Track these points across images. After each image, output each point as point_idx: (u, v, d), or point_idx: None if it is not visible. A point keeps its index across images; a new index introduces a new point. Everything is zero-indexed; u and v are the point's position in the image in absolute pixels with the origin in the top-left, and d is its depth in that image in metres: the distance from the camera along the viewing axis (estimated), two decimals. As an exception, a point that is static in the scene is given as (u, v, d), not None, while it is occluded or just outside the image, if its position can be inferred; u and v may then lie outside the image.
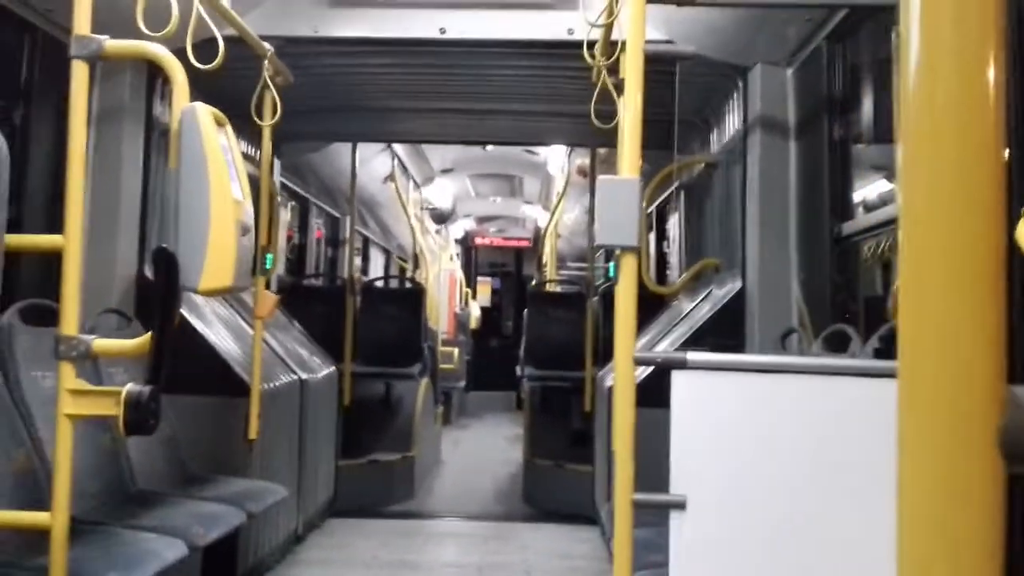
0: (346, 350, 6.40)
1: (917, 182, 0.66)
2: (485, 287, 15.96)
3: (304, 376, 4.99)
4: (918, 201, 0.66)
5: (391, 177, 8.56)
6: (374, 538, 5.43)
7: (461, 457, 8.72)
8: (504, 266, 16.37)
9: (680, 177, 5.49)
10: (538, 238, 15.08)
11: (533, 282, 11.82)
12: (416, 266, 9.92)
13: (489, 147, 8.67)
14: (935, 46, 0.64)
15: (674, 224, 7.70)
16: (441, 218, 11.48)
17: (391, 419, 6.83)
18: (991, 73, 0.64)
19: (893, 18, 2.98)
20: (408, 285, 9.10)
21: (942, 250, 0.64)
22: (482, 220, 15.02)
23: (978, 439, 0.61)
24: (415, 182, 10.02)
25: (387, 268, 12.08)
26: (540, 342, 7.35)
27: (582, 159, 7.99)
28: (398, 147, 8.42)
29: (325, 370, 5.44)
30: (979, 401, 0.61)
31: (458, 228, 14.65)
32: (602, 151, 6.92)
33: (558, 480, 6.40)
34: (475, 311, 14.09)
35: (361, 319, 6.85)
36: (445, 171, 10.60)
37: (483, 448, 9.54)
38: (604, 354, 6.33)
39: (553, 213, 9.25)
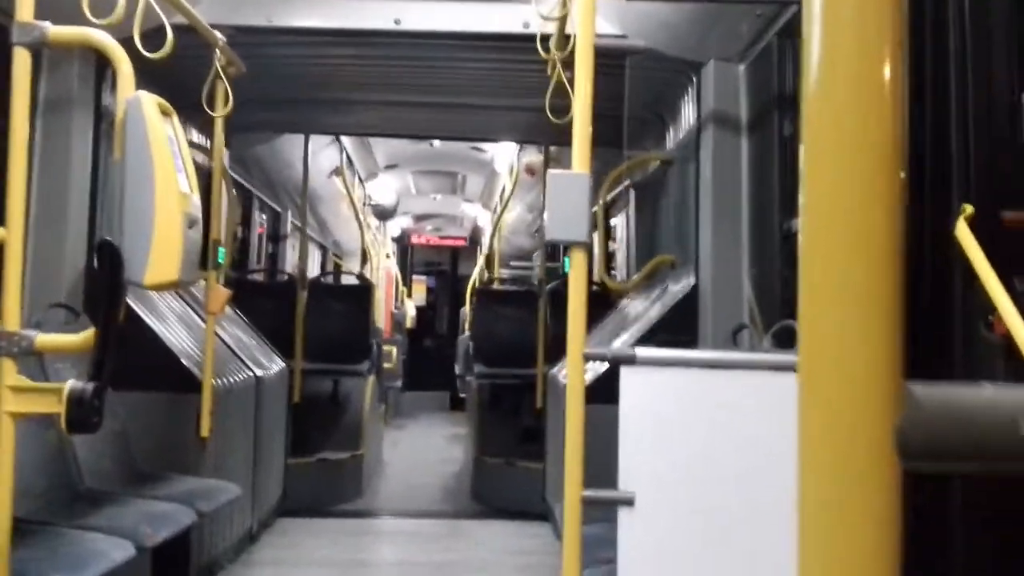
0: (297, 346, 6.32)
1: (818, 180, 0.67)
2: (420, 286, 15.78)
3: (259, 372, 4.94)
4: (818, 199, 0.67)
5: (338, 171, 8.46)
6: (326, 537, 5.39)
7: (402, 456, 8.66)
8: (439, 265, 16.22)
9: (633, 174, 5.52)
10: (475, 237, 15.04)
11: (474, 280, 11.90)
12: (364, 262, 9.85)
13: (436, 143, 8.59)
14: (835, 48, 0.65)
15: (622, 222, 7.83)
16: (384, 214, 11.36)
17: (339, 417, 6.77)
18: (889, 73, 0.65)
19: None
20: (356, 281, 9.05)
21: (840, 247, 0.65)
22: (419, 218, 14.85)
23: (875, 436, 0.62)
24: (359, 177, 9.91)
25: (323, 265, 11.94)
26: (488, 340, 7.37)
27: (531, 157, 8.01)
28: (345, 141, 8.33)
29: (277, 366, 5.38)
30: (876, 398, 0.62)
31: (394, 226, 14.51)
32: (554, 149, 6.94)
33: (508, 477, 6.44)
34: (410, 310, 14.00)
35: (308, 315, 6.77)
36: (389, 167, 10.47)
37: (422, 447, 9.50)
38: (554, 351, 6.43)
39: (501, 212, 9.23)
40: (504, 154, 8.77)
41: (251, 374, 4.83)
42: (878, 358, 0.63)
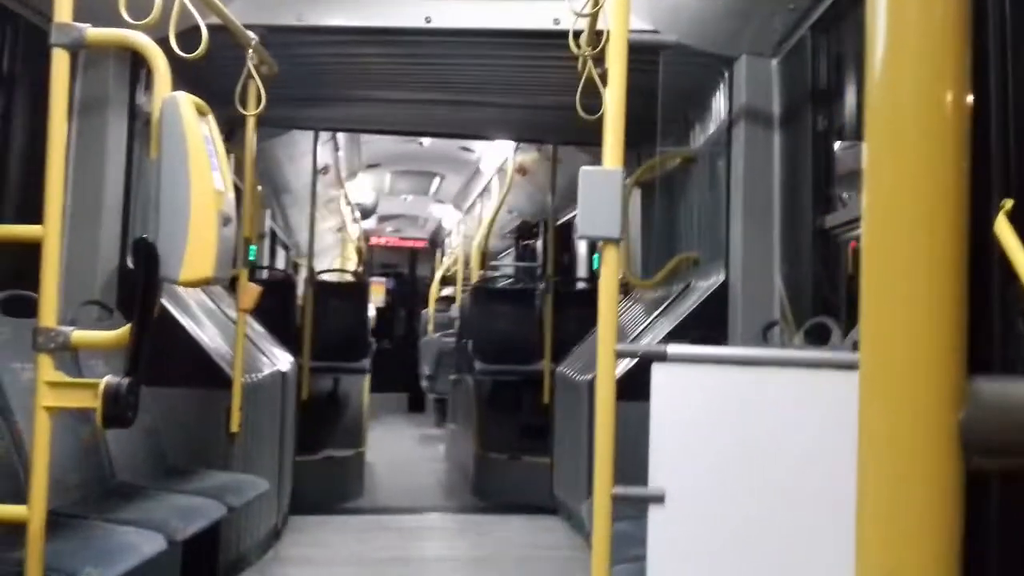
0: (305, 344, 6.29)
1: (881, 178, 0.65)
2: (379, 288, 15.41)
3: (283, 368, 4.97)
4: (882, 196, 0.65)
5: (326, 170, 8.40)
6: (348, 534, 5.40)
7: (383, 456, 8.57)
8: (397, 267, 16.02)
9: (661, 169, 5.49)
10: (435, 239, 14.90)
11: (438, 281, 11.70)
12: (360, 261, 9.85)
13: (426, 142, 8.50)
14: (900, 46, 0.64)
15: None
16: (366, 213, 11.26)
17: (341, 415, 6.75)
18: (955, 72, 0.64)
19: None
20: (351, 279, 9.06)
21: (905, 244, 0.63)
22: (382, 219, 14.60)
23: (938, 432, 0.61)
24: (341, 176, 9.87)
25: (287, 265, 11.88)
26: (487, 337, 7.38)
27: (523, 156, 8.00)
28: (338, 139, 8.28)
29: (290, 363, 5.39)
30: (939, 394, 0.61)
31: (354, 227, 14.38)
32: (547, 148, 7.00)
33: (513, 472, 6.47)
34: (371, 312, 13.92)
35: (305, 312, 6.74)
36: (371, 166, 10.29)
37: (398, 447, 9.47)
38: (554, 348, 6.55)
39: (497, 210, 9.18)
40: (492, 154, 8.74)
41: (276, 369, 4.86)
42: (941, 353, 0.62)
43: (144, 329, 2.40)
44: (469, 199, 11.15)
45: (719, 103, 4.60)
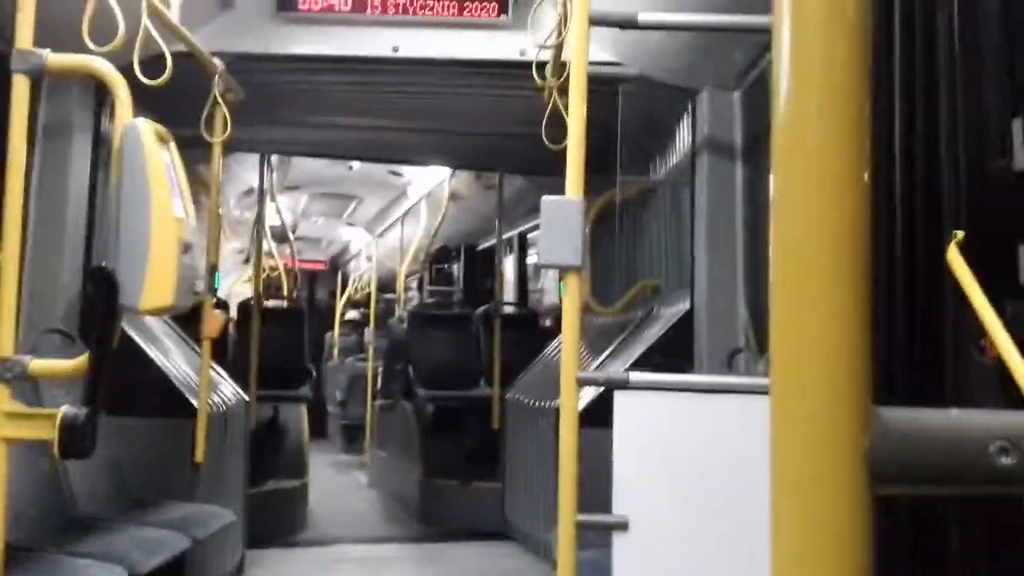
0: (252, 372, 6.02)
1: (787, 202, 0.68)
2: None
3: (247, 398, 4.91)
4: (788, 220, 0.68)
5: (251, 191, 8.18)
6: (311, 567, 5.33)
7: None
8: (297, 289, 15.88)
9: (622, 200, 5.55)
10: (335, 262, 14.75)
11: (344, 304, 11.47)
12: (294, 285, 9.77)
13: (356, 165, 8.42)
14: (804, 79, 0.66)
15: None
16: (282, 237, 11.00)
17: (282, 445, 6.60)
18: (859, 106, 0.66)
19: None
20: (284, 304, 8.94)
21: (808, 272, 0.66)
22: (282, 240, 14.41)
23: (846, 461, 0.62)
24: (265, 198, 9.63)
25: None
26: (428, 363, 7.40)
27: (457, 183, 8.06)
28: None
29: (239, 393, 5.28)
30: (847, 423, 0.63)
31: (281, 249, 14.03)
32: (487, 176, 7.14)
33: (462, 498, 6.44)
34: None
35: (241, 339, 6.53)
36: (290, 188, 10.07)
37: (319, 475, 9.34)
38: (488, 372, 6.63)
39: (435, 233, 9.14)
40: (421, 179, 8.73)
41: (241, 398, 4.80)
42: (847, 382, 0.64)
43: (103, 358, 2.37)
44: (385, 223, 11.04)
45: (681, 134, 4.67)
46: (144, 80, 3.07)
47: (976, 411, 0.65)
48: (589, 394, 3.78)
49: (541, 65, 3.44)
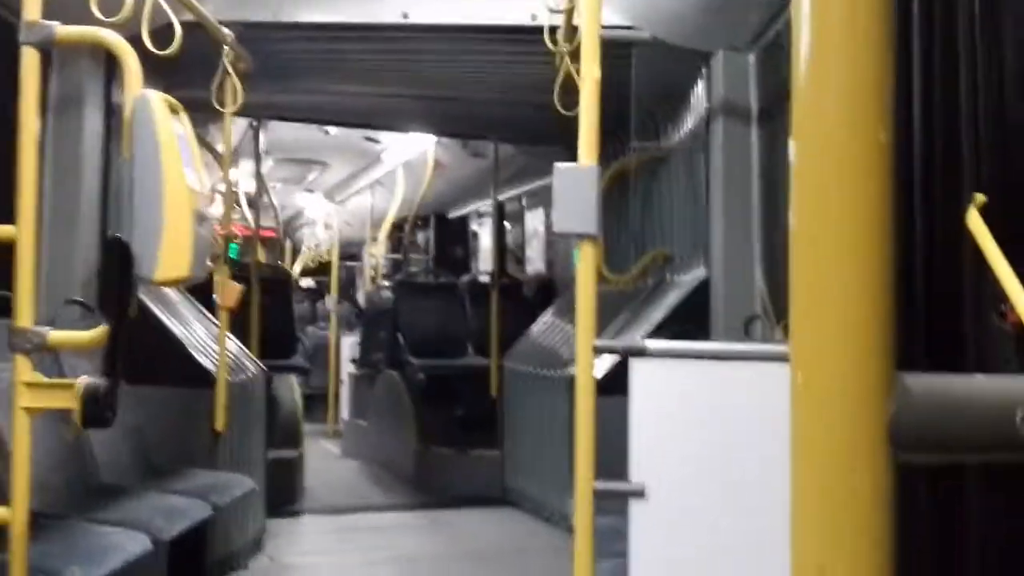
0: (253, 342, 5.96)
1: (808, 171, 0.66)
2: None
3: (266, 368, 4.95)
4: (807, 191, 0.66)
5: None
6: (326, 535, 5.34)
7: None
8: (243, 257, 15.67)
9: (633, 166, 5.49)
10: (288, 228, 14.64)
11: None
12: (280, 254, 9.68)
13: (332, 131, 8.27)
14: (824, 44, 0.64)
15: (537, 218, 8.02)
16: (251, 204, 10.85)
17: (279, 415, 6.48)
18: (878, 68, 0.64)
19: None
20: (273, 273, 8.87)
21: (830, 239, 0.64)
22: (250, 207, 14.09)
23: (867, 428, 0.62)
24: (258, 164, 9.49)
25: None
26: (415, 332, 7.41)
27: (441, 151, 7.99)
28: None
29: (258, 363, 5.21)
30: (868, 390, 0.62)
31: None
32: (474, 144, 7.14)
33: (460, 465, 6.46)
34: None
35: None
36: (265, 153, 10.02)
37: None
38: (480, 341, 6.69)
39: (417, 204, 9.05)
40: (397, 147, 8.62)
41: (261, 368, 4.84)
42: (869, 348, 0.63)
43: (121, 328, 2.39)
44: (350, 189, 10.88)
45: (694, 98, 4.61)
46: (154, 50, 3.05)
47: (1002, 377, 0.64)
48: (599, 365, 3.78)
49: (553, 30, 3.40)
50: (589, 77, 2.42)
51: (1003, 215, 1.94)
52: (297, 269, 12.91)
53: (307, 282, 13.12)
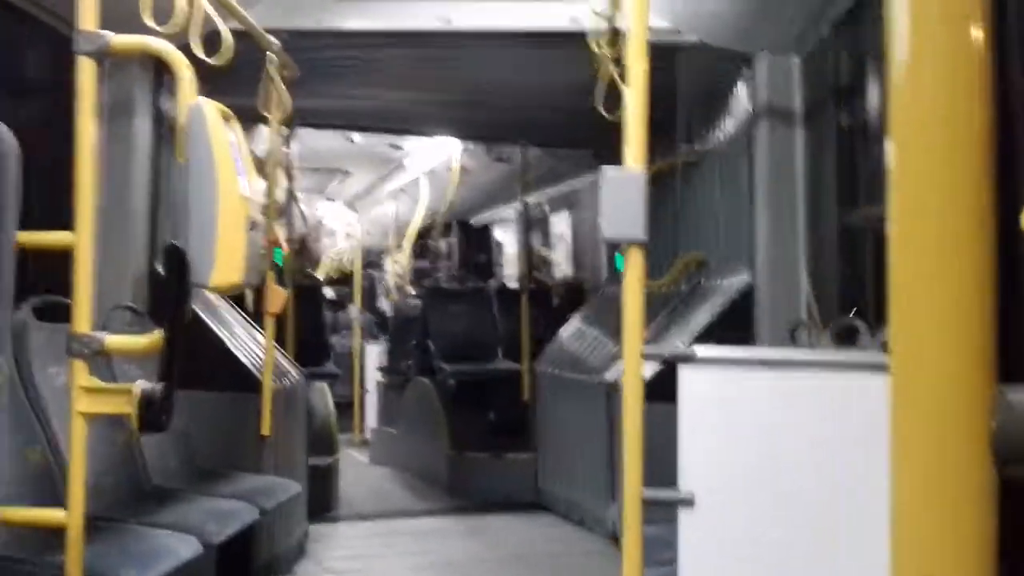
0: (288, 349, 5.94)
1: (907, 181, 0.66)
2: None
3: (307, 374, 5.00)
4: (909, 201, 0.66)
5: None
6: (369, 540, 5.36)
7: None
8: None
9: (669, 169, 5.45)
10: (305, 239, 14.63)
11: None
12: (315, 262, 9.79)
13: (357, 138, 8.30)
14: (923, 44, 0.64)
15: (563, 222, 8.10)
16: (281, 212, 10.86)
17: (315, 422, 6.33)
18: (978, 66, 0.64)
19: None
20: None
21: (933, 251, 0.64)
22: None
23: (970, 440, 0.61)
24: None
25: None
26: (446, 338, 7.44)
27: (467, 157, 8.00)
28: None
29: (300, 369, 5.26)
30: (971, 403, 0.61)
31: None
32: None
33: (494, 470, 6.46)
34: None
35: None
36: None
37: None
38: (510, 346, 6.78)
39: (447, 208, 9.09)
40: (420, 153, 8.62)
41: (302, 375, 4.89)
42: (971, 360, 0.62)
43: (177, 334, 2.42)
44: (372, 197, 10.91)
45: (737, 101, 4.57)
46: (204, 59, 3.10)
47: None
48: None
49: (596, 34, 3.39)
50: (636, 80, 2.41)
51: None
52: (320, 278, 13.03)
53: (328, 292, 13.25)
